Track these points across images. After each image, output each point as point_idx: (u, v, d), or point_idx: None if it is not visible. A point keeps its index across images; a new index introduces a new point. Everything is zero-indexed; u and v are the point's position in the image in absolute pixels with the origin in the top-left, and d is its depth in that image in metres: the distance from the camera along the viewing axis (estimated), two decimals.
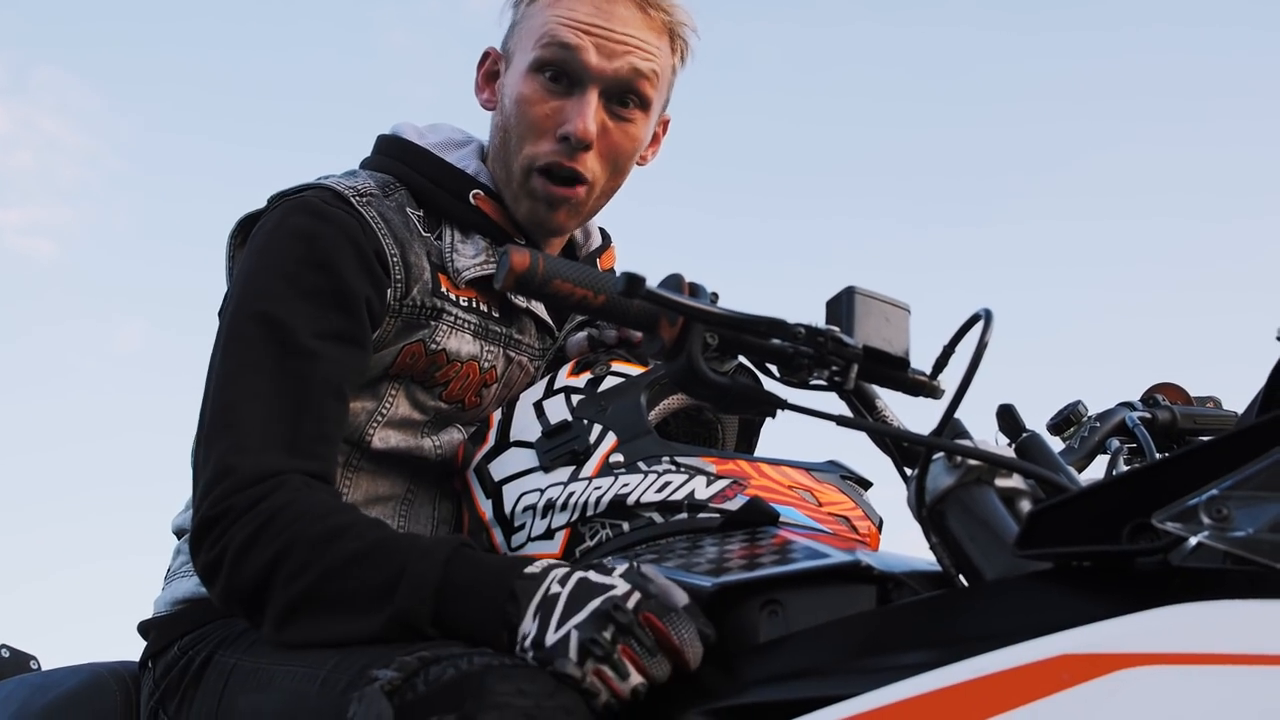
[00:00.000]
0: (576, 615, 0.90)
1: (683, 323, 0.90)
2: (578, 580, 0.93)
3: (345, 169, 1.37)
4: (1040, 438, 1.01)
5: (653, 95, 1.32)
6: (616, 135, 1.31)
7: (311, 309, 1.16)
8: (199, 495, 1.11)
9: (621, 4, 1.28)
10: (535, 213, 1.33)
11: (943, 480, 0.92)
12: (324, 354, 1.15)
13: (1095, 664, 0.71)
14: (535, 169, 1.30)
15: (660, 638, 0.89)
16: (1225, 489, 0.74)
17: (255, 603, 1.05)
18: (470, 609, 0.96)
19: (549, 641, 0.89)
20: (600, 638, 0.87)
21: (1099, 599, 0.78)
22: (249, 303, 1.17)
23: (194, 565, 1.11)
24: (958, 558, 0.91)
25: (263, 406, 1.11)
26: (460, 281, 1.30)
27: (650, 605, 0.89)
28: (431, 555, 1.00)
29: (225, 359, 1.16)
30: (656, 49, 1.31)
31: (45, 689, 1.40)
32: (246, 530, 1.05)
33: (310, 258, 1.18)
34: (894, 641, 0.85)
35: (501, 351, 1.34)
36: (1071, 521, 0.80)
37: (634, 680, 0.88)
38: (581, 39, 1.26)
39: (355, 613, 1.00)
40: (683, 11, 1.34)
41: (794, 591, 0.92)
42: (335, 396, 1.16)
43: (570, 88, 1.28)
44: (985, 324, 0.89)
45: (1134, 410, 1.34)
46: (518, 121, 1.31)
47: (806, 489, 1.15)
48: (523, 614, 0.93)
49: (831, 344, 0.89)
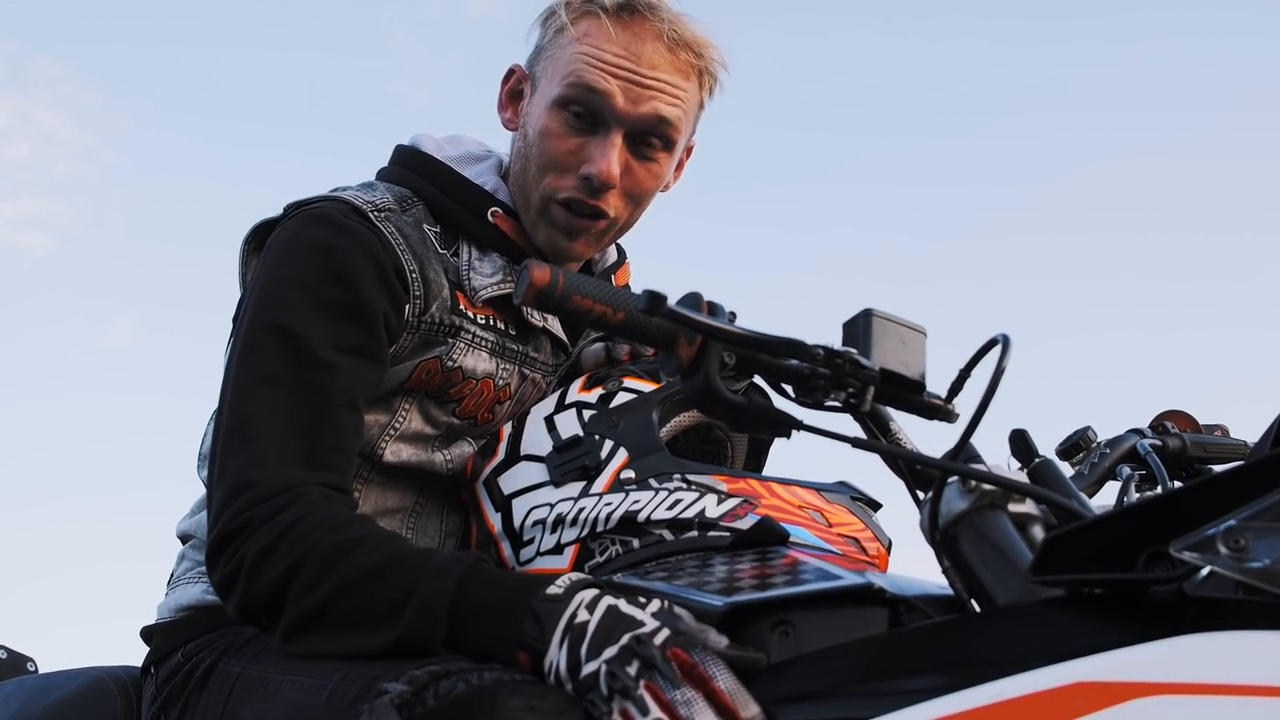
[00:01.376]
0: (608, 649, 0.87)
1: (701, 341, 0.90)
2: (607, 608, 0.91)
3: (362, 180, 1.36)
4: (1053, 464, 1.01)
5: (678, 137, 1.32)
6: (639, 174, 1.31)
7: (329, 322, 1.16)
8: (216, 509, 1.10)
9: (650, 44, 1.27)
10: (553, 240, 1.33)
11: (956, 504, 0.92)
12: (341, 366, 1.15)
13: (1112, 692, 0.71)
14: (556, 201, 1.30)
15: (686, 670, 0.85)
16: (1243, 519, 0.74)
17: (270, 614, 1.05)
18: (485, 628, 0.95)
19: (584, 673, 0.87)
20: (623, 673, 0.85)
21: (1113, 627, 0.78)
22: (266, 314, 1.17)
23: (210, 578, 1.10)
24: (970, 582, 0.91)
25: (280, 420, 1.11)
26: (477, 300, 1.29)
27: (678, 641, 0.87)
28: (445, 573, 0.98)
29: (241, 371, 1.15)
30: (684, 91, 1.30)
31: (45, 691, 1.39)
32: (263, 542, 1.05)
33: (328, 270, 1.18)
34: (906, 665, 0.85)
35: (517, 369, 1.34)
36: (1086, 548, 0.80)
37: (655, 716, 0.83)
38: (609, 82, 1.25)
39: (365, 630, 0.99)
40: (712, 50, 1.33)
41: (805, 613, 0.92)
42: (351, 409, 1.16)
43: (594, 126, 1.28)
44: (1004, 349, 0.89)
45: (1144, 437, 1.34)
46: (540, 153, 1.30)
47: (817, 509, 1.15)
48: (548, 639, 0.91)
49: (849, 366, 0.89)
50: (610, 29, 1.26)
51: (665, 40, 1.28)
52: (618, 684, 0.84)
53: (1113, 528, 0.80)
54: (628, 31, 1.27)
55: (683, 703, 0.83)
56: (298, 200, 1.28)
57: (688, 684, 0.84)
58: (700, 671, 0.85)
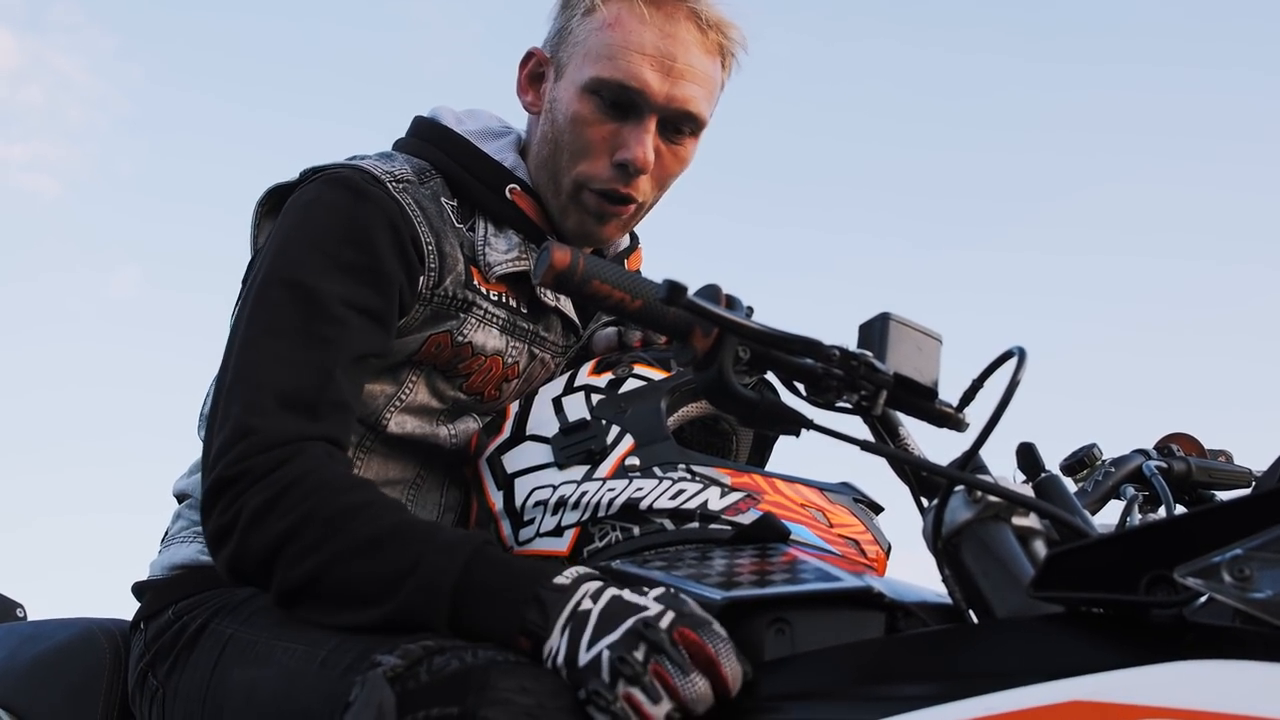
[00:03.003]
0: (609, 635, 0.86)
1: (717, 334, 0.90)
2: (611, 598, 0.90)
3: (379, 149, 1.36)
4: (1060, 479, 1.01)
5: (706, 120, 1.32)
6: (668, 159, 1.31)
7: (343, 281, 1.15)
8: (214, 454, 1.08)
9: (683, 25, 1.26)
10: (584, 225, 1.33)
11: (960, 514, 0.92)
12: (351, 323, 1.14)
13: (1108, 713, 0.71)
14: (590, 188, 1.30)
15: (694, 650, 0.85)
16: (1250, 549, 0.73)
17: (262, 570, 1.03)
18: (488, 610, 0.94)
19: (582, 661, 0.86)
20: (631, 657, 0.84)
21: (1111, 647, 0.78)
22: (280, 270, 1.16)
23: (204, 527, 1.09)
24: (969, 592, 0.91)
25: (285, 369, 1.10)
26: (491, 276, 1.29)
27: (685, 622, 0.86)
28: (452, 551, 0.97)
29: (251, 322, 1.14)
30: (711, 73, 1.30)
31: (35, 639, 1.40)
32: (263, 495, 1.03)
33: (347, 233, 1.18)
34: (901, 671, 0.85)
35: (526, 348, 1.34)
36: (1089, 567, 0.80)
37: (665, 706, 0.82)
38: (644, 71, 1.24)
39: (361, 601, 0.99)
40: (737, 30, 1.32)
41: (803, 612, 0.92)
42: (358, 367, 1.15)
43: (627, 113, 1.27)
44: (1019, 362, 0.89)
45: (1149, 458, 1.34)
46: (572, 139, 1.29)
47: (819, 509, 1.15)
48: (550, 628, 0.90)
49: (864, 369, 0.89)
50: (644, 10, 1.25)
51: (697, 21, 1.27)
52: (626, 669, 0.83)
53: (1116, 548, 0.80)
54: (661, 13, 1.26)
55: (690, 686, 0.83)
56: (314, 166, 1.27)
57: (696, 668, 0.84)
58: (708, 652, 0.84)
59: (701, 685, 0.84)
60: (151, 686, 1.20)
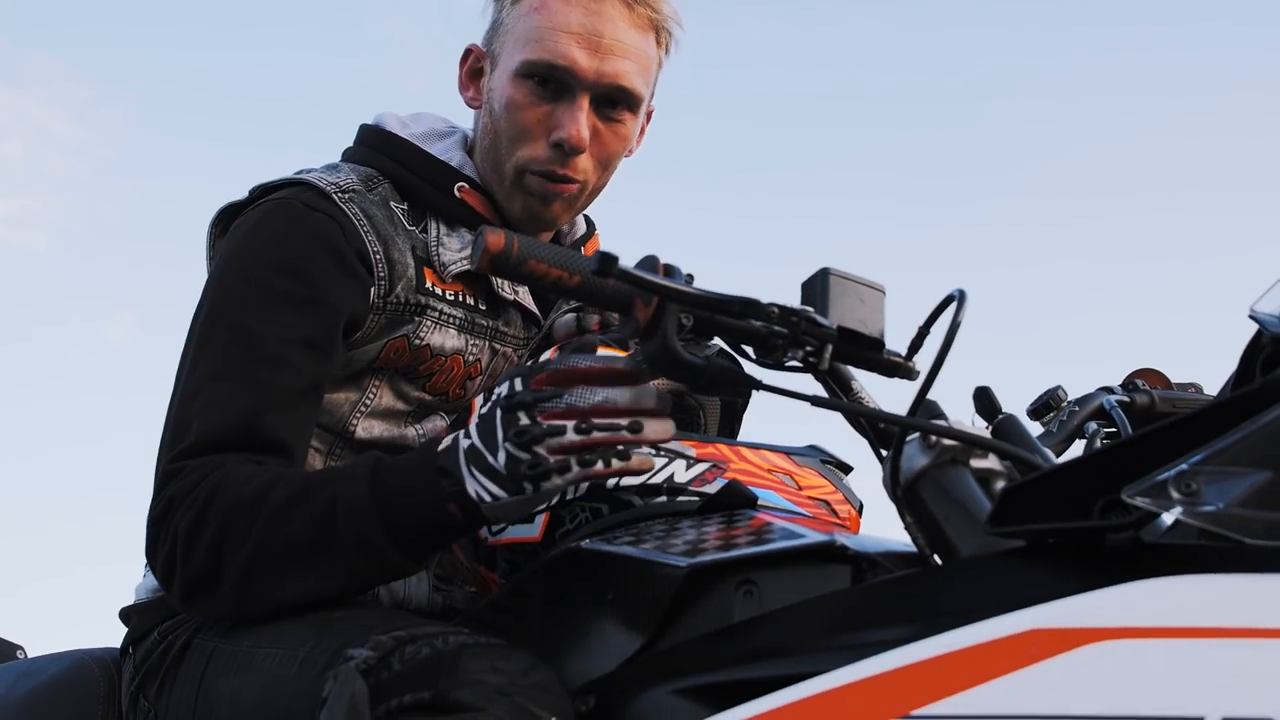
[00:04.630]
0: (497, 434, 0.97)
1: (657, 303, 0.90)
2: (477, 421, 1.01)
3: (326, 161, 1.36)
4: (1016, 419, 1.01)
5: (641, 98, 1.32)
6: (607, 137, 1.31)
7: (280, 314, 1.16)
8: (151, 499, 1.11)
9: (609, 3, 1.27)
10: (529, 208, 1.33)
11: (918, 460, 0.92)
12: (291, 360, 1.15)
13: (1063, 639, 0.71)
14: (530, 171, 1.30)
15: (556, 379, 0.96)
16: (1194, 464, 0.73)
17: (215, 577, 1.06)
18: (411, 504, 1.02)
19: (503, 468, 0.97)
20: (522, 427, 0.95)
21: (1069, 575, 0.78)
22: (220, 309, 1.18)
23: (153, 571, 1.11)
24: (932, 537, 0.91)
25: (220, 411, 1.12)
26: (447, 276, 1.29)
27: (533, 370, 0.98)
28: (354, 478, 1.04)
29: (193, 365, 1.16)
30: (644, 49, 1.30)
31: (29, 675, 1.40)
32: (189, 515, 1.06)
33: (283, 263, 1.18)
34: (867, 618, 0.85)
35: (487, 344, 1.35)
36: (1044, 499, 0.80)
37: (571, 430, 0.94)
38: (572, 49, 1.25)
39: (310, 559, 1.03)
40: (667, 5, 1.33)
41: (769, 572, 0.93)
42: (303, 399, 1.17)
43: (560, 93, 1.27)
44: (959, 304, 0.89)
45: (1113, 394, 1.34)
46: (509, 125, 1.29)
47: (786, 473, 1.15)
48: (461, 478, 1.00)
49: (805, 324, 0.89)
50: None
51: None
52: (527, 435, 0.94)
53: (1069, 477, 0.80)
54: None
55: (581, 398, 0.96)
56: (262, 184, 1.28)
57: (569, 388, 0.96)
58: (565, 372, 0.97)
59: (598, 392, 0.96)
60: (144, 708, 1.21)
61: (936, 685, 0.73)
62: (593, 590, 1.00)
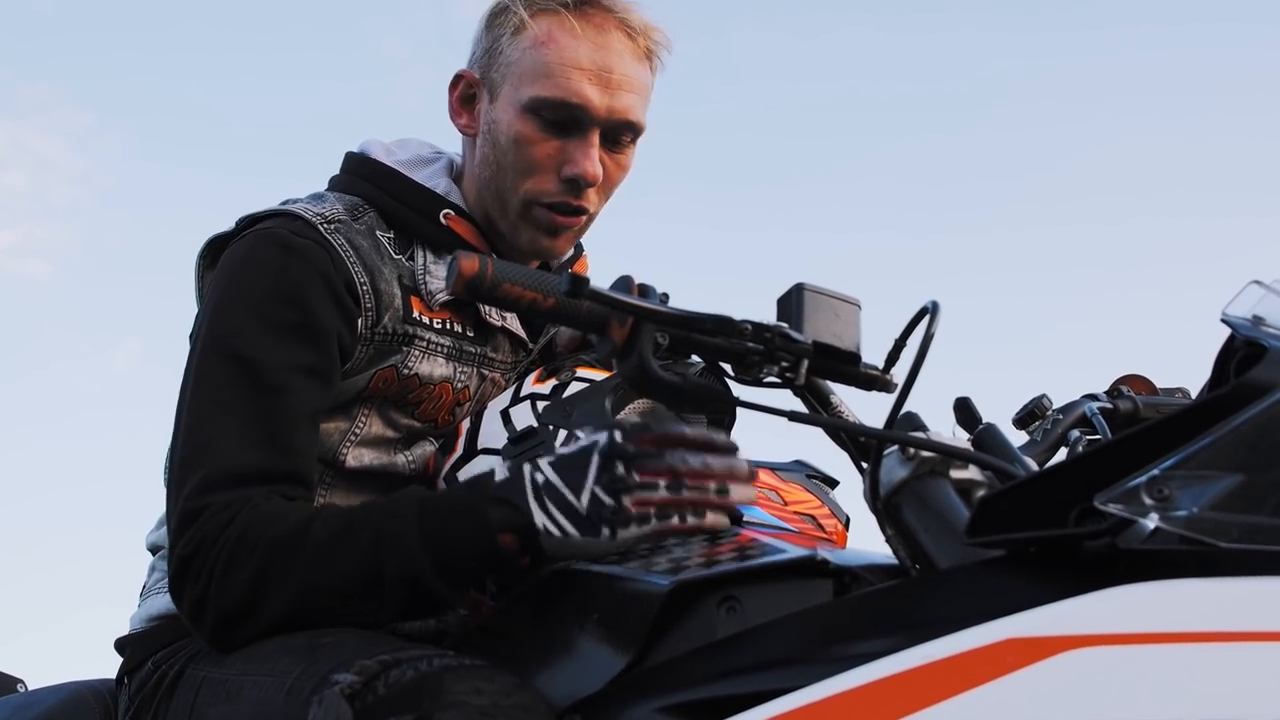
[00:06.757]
0: (588, 476, 0.98)
1: (632, 323, 0.91)
2: (555, 458, 1.02)
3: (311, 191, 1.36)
4: (996, 429, 1.01)
5: (644, 126, 1.33)
6: (611, 169, 1.32)
7: (280, 344, 1.17)
8: (173, 537, 1.11)
9: (614, 35, 1.27)
10: (536, 241, 1.33)
11: (897, 473, 0.92)
12: (293, 387, 1.16)
13: (1040, 647, 0.71)
14: (540, 204, 1.31)
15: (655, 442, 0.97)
16: (1166, 469, 0.74)
17: (252, 613, 1.06)
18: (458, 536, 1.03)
19: (584, 510, 0.98)
20: (617, 474, 0.96)
21: (1047, 583, 0.78)
22: (218, 338, 1.18)
23: (180, 608, 1.11)
24: (913, 549, 0.91)
25: (233, 443, 1.12)
26: (434, 304, 1.30)
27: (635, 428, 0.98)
28: (401, 515, 1.05)
29: (196, 398, 1.16)
30: (645, 79, 1.31)
31: (26, 708, 1.40)
32: (223, 554, 1.06)
33: (279, 292, 1.18)
34: (848, 631, 0.85)
35: (475, 371, 1.35)
36: (1020, 508, 0.80)
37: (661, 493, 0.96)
38: (584, 86, 1.25)
39: (356, 596, 1.04)
40: (659, 31, 1.33)
41: (751, 588, 0.93)
42: (305, 428, 1.17)
43: (570, 129, 1.27)
44: (932, 315, 0.90)
45: (1097, 401, 1.34)
46: (517, 159, 1.29)
47: (772, 488, 1.16)
48: (527, 509, 1.00)
49: (779, 340, 0.90)
50: (574, 24, 1.26)
51: (626, 29, 1.28)
52: (620, 485, 0.95)
53: (1045, 486, 0.80)
54: (591, 25, 1.26)
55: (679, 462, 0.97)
56: (249, 214, 1.28)
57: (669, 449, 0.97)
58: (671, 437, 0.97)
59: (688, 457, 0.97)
60: None
61: (916, 696, 0.73)
62: (578, 610, 1.01)
